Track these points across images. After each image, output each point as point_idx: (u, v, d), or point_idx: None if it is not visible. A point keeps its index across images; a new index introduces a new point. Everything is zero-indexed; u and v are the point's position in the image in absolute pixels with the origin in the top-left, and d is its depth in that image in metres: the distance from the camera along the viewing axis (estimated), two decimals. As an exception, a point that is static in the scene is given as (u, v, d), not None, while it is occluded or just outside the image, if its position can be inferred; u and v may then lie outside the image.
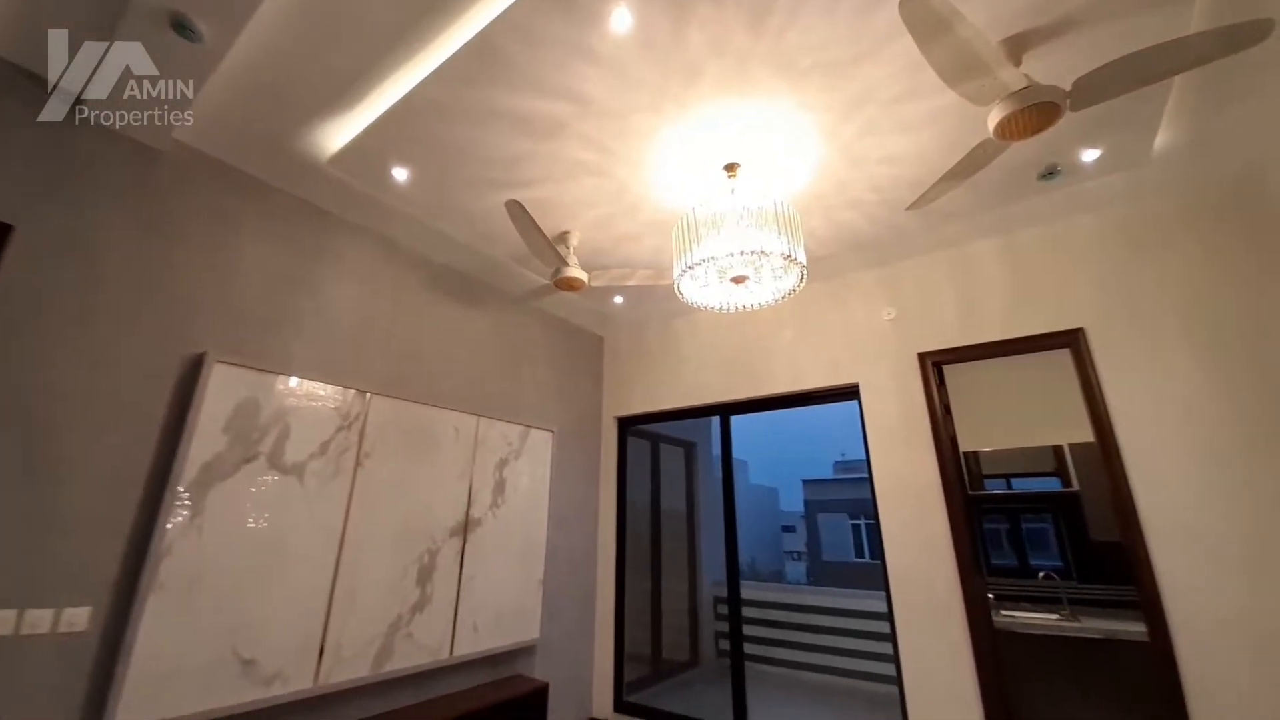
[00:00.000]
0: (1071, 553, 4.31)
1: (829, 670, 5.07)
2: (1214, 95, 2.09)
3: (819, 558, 16.20)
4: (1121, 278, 2.71)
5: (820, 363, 3.48)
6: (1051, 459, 4.64)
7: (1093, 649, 3.71)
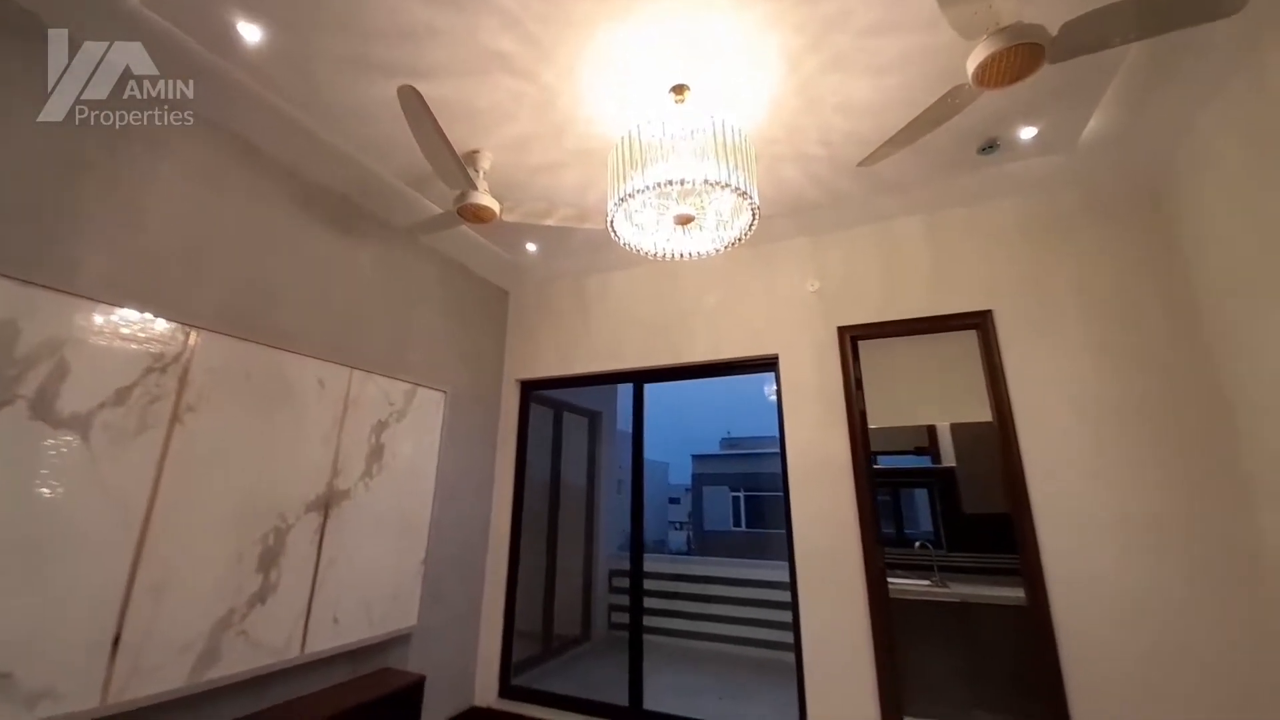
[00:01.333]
0: (944, 524, 4.65)
1: (719, 639, 5.12)
2: (1138, 94, 2.13)
3: (701, 528, 16.88)
4: (1031, 265, 2.78)
5: (741, 332, 3.32)
6: (925, 438, 4.97)
7: (963, 613, 4.02)
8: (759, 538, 15.36)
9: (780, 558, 6.95)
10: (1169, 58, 1.98)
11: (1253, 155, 2.05)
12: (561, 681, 4.11)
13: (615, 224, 1.85)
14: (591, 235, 3.15)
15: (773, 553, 15.75)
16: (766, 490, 16.23)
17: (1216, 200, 2.29)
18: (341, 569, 2.55)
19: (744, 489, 16.66)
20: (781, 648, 4.74)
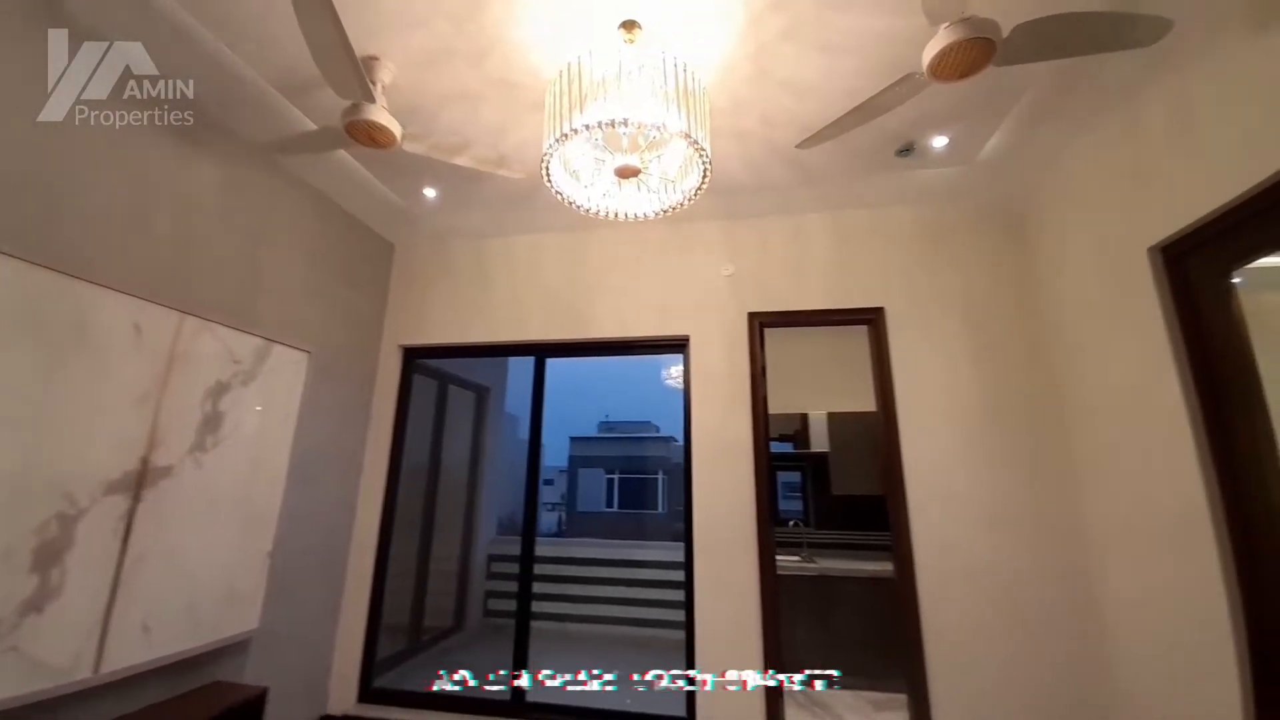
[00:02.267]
0: (814, 504, 5.01)
1: (599, 620, 5.06)
2: (1031, 120, 2.35)
3: (574, 509, 16.88)
4: (921, 269, 3.00)
5: (653, 311, 3.21)
6: (797, 425, 5.32)
7: (827, 585, 4.35)
8: (631, 518, 15.72)
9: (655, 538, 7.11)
10: (1063, 89, 2.18)
11: (1109, 193, 2.36)
12: (429, 678, 3.76)
13: (550, 168, 1.60)
14: (506, 188, 2.81)
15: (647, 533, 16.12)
16: (640, 473, 16.65)
17: (1069, 230, 2.62)
18: (156, 565, 2.01)
19: (619, 472, 16.91)
20: (661, 625, 4.80)
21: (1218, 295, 1.99)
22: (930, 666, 2.56)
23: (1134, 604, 2.28)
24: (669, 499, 16.12)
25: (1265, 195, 1.75)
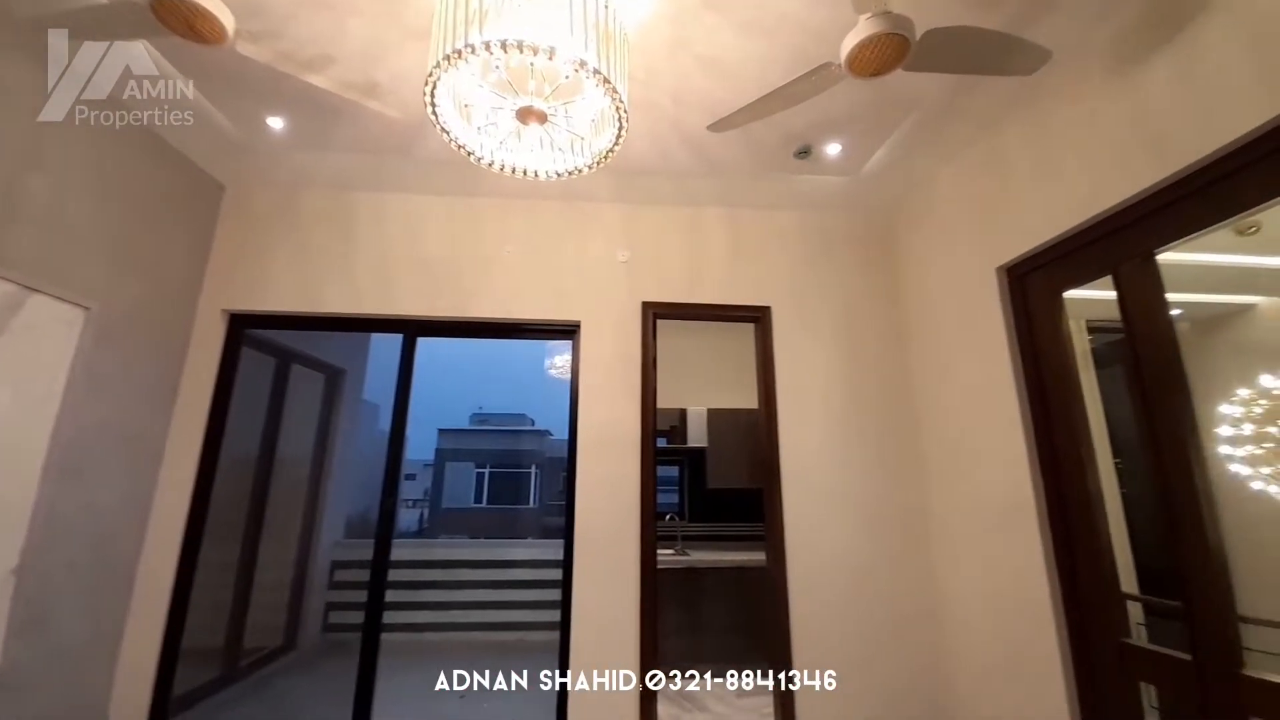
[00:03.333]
0: (690, 498, 5.09)
1: (460, 627, 4.67)
2: (912, 139, 2.52)
3: (439, 505, 15.83)
4: (805, 272, 3.12)
5: (544, 293, 2.97)
6: (676, 419, 5.40)
7: (699, 576, 4.42)
8: (502, 514, 15.09)
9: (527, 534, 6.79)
10: (941, 117, 2.35)
11: (967, 216, 2.61)
12: (253, 708, 3.16)
13: (435, 96, 1.33)
14: (378, 131, 2.39)
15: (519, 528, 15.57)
16: (514, 467, 16.06)
17: (933, 246, 2.88)
18: None
19: (490, 466, 16.16)
20: (530, 627, 4.56)
21: (1050, 312, 2.26)
22: (795, 649, 2.65)
23: (971, 579, 2.54)
24: (542, 494, 15.75)
25: (1090, 230, 2.02)
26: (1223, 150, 1.53)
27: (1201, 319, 2.78)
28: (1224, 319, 4.06)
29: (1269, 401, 2.60)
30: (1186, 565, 1.66)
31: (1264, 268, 3.35)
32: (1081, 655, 2.03)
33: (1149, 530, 2.09)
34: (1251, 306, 3.98)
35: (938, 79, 2.00)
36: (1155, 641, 1.89)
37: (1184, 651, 1.68)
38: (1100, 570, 2.02)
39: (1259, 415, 2.60)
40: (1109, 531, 2.04)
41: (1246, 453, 2.54)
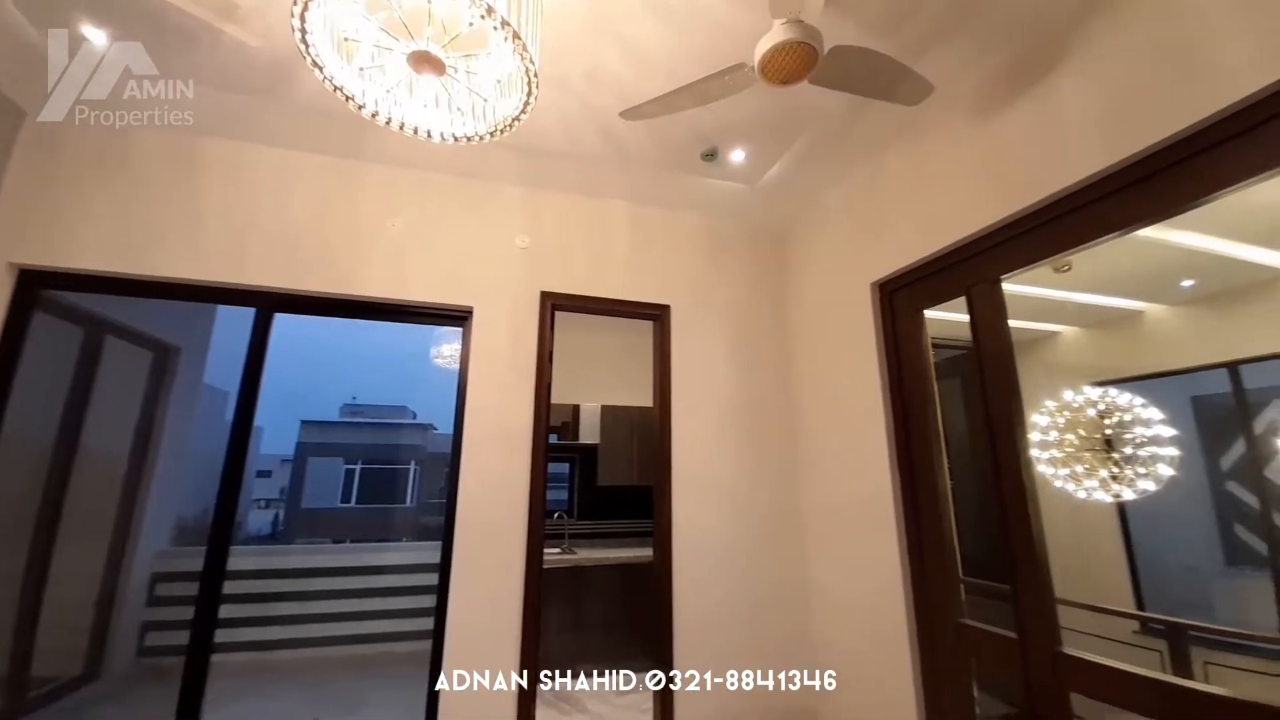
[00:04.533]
0: (579, 495, 5.00)
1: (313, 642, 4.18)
2: (805, 156, 2.66)
3: (298, 505, 14.23)
4: (702, 273, 3.18)
5: (434, 274, 2.72)
6: (568, 415, 5.30)
7: (583, 574, 4.35)
8: (374, 514, 13.89)
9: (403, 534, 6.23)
10: (833, 138, 2.50)
11: (848, 233, 2.81)
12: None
13: (307, 23, 1.12)
14: (237, 63, 2.02)
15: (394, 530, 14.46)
16: (390, 463, 14.89)
17: (817, 259, 3.07)
18: None
19: (363, 462, 14.85)
20: (398, 638, 4.21)
21: (913, 327, 2.49)
22: (677, 644, 2.67)
23: (838, 569, 2.74)
24: (420, 491, 14.74)
25: (950, 255, 2.24)
26: (1062, 192, 1.76)
27: (1021, 341, 3.19)
28: (1037, 342, 4.80)
29: (1070, 413, 3.09)
30: (1015, 553, 1.89)
31: (1070, 302, 3.99)
32: (925, 634, 2.25)
33: (972, 522, 2.38)
34: (1058, 333, 4.75)
35: (835, 99, 2.11)
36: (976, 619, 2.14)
37: (1011, 631, 1.91)
38: (943, 558, 2.25)
39: (1062, 424, 3.07)
40: (951, 524, 2.27)
41: (1050, 456, 2.99)
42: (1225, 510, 4.39)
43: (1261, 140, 1.35)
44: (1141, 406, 2.91)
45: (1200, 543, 4.53)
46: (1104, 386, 3.11)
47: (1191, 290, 3.81)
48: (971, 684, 2.10)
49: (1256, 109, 1.34)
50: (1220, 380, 3.98)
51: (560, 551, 4.51)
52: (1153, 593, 4.24)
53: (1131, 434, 2.94)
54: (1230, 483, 4.38)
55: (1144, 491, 2.82)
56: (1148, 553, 4.31)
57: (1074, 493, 2.92)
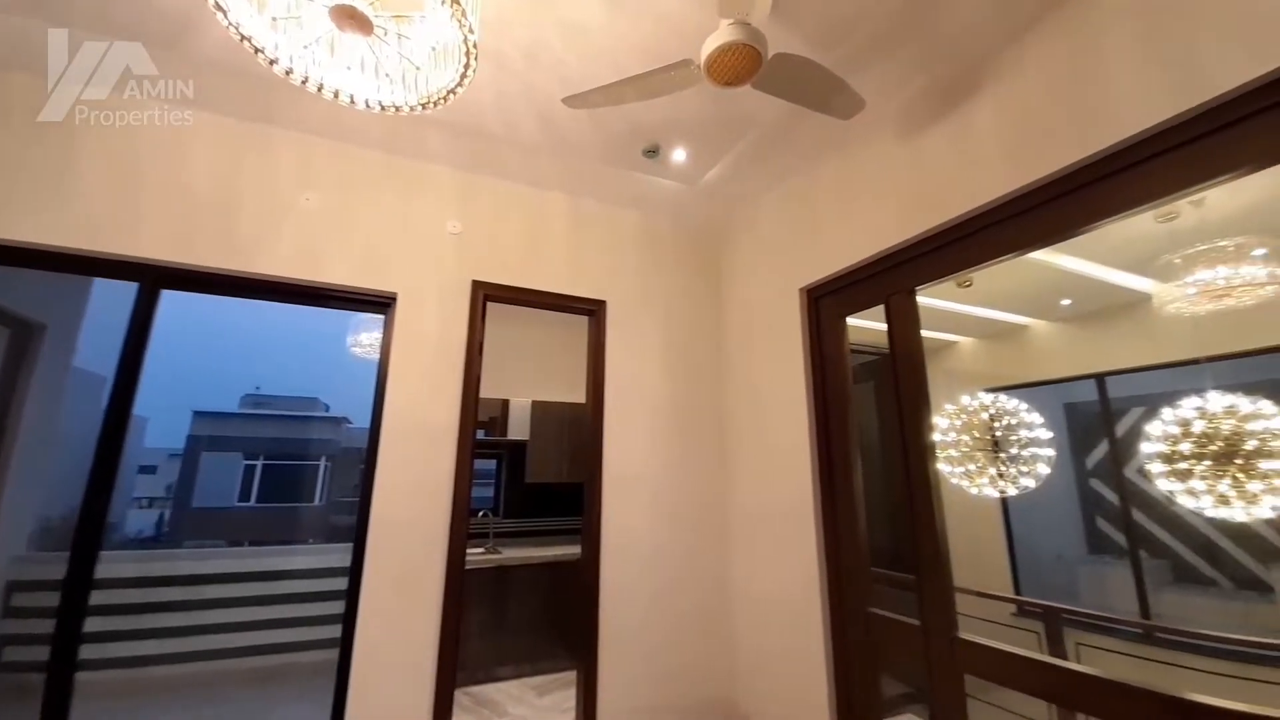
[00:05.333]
0: (506, 493, 4.84)
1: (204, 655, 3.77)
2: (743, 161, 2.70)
3: (187, 505, 12.88)
4: (639, 270, 3.16)
5: (353, 255, 2.52)
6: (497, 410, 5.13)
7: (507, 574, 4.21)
8: (278, 515, 12.81)
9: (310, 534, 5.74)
10: (771, 145, 2.56)
11: (781, 239, 2.89)
12: None
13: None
14: (124, 6, 1.76)
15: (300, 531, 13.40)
16: (298, 459, 13.80)
17: (750, 264, 3.14)
18: None
19: (265, 457, 13.66)
20: (301, 647, 3.89)
21: (836, 333, 2.60)
22: (602, 642, 2.64)
23: (761, 565, 2.81)
24: (331, 489, 13.77)
25: (872, 265, 2.36)
26: (973, 212, 1.89)
27: (927, 349, 3.41)
28: (940, 350, 5.19)
29: (965, 416, 3.34)
30: (920, 546, 2.02)
31: (970, 314, 4.35)
32: (838, 624, 2.36)
33: (880, 517, 2.52)
34: (957, 343, 5.16)
35: (774, 106, 2.15)
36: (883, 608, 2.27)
37: (914, 618, 2.03)
38: (856, 552, 2.36)
39: (959, 426, 3.33)
40: (864, 520, 2.39)
41: (947, 455, 3.23)
42: (1089, 505, 4.96)
43: (1139, 177, 1.51)
44: (1025, 411, 3.19)
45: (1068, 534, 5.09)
46: (995, 392, 3.39)
47: (1069, 308, 4.27)
48: (878, 669, 2.22)
49: (1137, 149, 1.50)
50: (1089, 389, 4.50)
51: (484, 551, 4.35)
52: (1028, 579, 4.72)
53: (1016, 436, 3.21)
54: (1094, 480, 4.95)
55: (1025, 488, 3.09)
56: (1025, 543, 4.79)
57: (967, 489, 3.18)
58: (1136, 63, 1.49)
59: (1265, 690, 2.66)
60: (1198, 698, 1.32)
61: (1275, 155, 1.26)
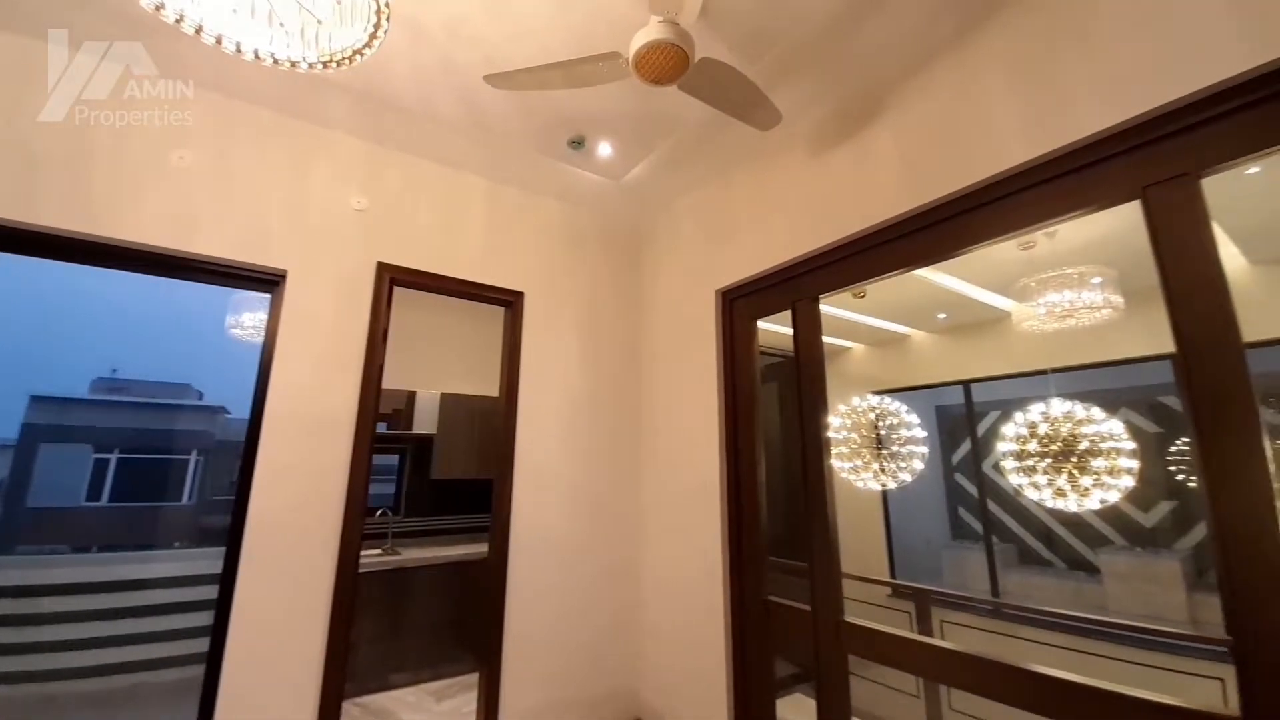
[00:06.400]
0: (408, 490, 4.55)
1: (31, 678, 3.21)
2: (664, 163, 2.73)
3: (20, 503, 10.91)
4: (559, 263, 3.09)
5: (237, 225, 2.23)
6: (401, 402, 4.82)
7: (407, 576, 3.96)
8: (137, 516, 11.19)
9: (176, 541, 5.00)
10: (692, 150, 2.60)
11: (699, 242, 2.95)
12: None
13: None
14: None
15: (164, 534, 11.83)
16: (163, 453, 12.13)
17: (669, 263, 3.18)
18: None
19: (122, 450, 11.87)
20: (162, 665, 3.42)
21: (747, 334, 2.69)
22: (508, 640, 2.56)
23: (668, 555, 2.85)
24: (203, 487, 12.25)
25: (783, 272, 2.46)
26: (872, 228, 2.02)
27: (825, 354, 3.63)
28: (836, 355, 5.57)
29: (855, 416, 3.60)
30: (813, 535, 2.14)
31: (863, 323, 4.69)
32: (738, 611, 2.45)
33: (778, 509, 2.66)
34: (851, 348, 5.56)
35: (699, 110, 2.18)
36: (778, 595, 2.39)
37: (805, 604, 2.15)
38: (756, 542, 2.46)
39: (849, 425, 3.58)
40: (764, 512, 2.50)
41: (839, 451, 3.47)
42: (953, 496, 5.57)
43: (1006, 208, 1.69)
44: (905, 413, 3.50)
45: (935, 522, 5.68)
46: (880, 395, 3.68)
47: (944, 322, 4.74)
48: (773, 652, 2.33)
49: (1005, 183, 1.67)
50: (957, 394, 5.04)
51: (381, 552, 4.06)
52: (902, 563, 5.20)
53: (897, 435, 3.50)
54: (958, 475, 5.57)
55: (902, 482, 3.39)
56: (900, 531, 5.28)
57: (854, 482, 3.43)
58: (1007, 106, 1.66)
59: (1090, 661, 3.10)
60: (1035, 667, 1.50)
61: (1115, 197, 1.45)
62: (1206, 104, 1.29)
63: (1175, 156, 1.35)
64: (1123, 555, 4.67)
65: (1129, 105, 1.38)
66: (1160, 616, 4.19)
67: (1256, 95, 1.22)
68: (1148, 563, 4.51)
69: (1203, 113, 1.30)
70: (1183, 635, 3.08)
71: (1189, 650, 2.90)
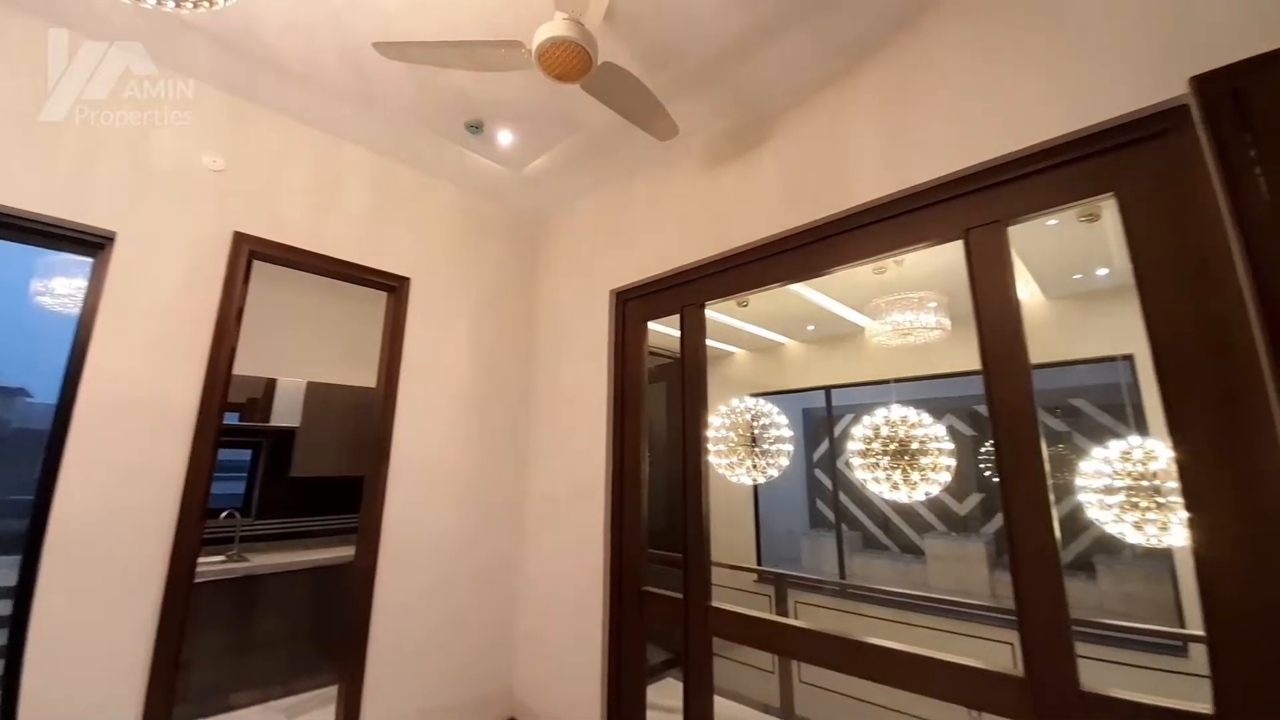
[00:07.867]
0: (261, 489, 4.03)
1: None
2: (563, 161, 2.70)
3: None
4: (451, 250, 2.93)
5: (50, 173, 1.82)
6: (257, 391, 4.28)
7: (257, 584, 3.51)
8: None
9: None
10: (595, 151, 2.60)
11: (597, 242, 2.95)
12: None
13: None
14: None
15: (-84, 544, 9.44)
16: (-77, 443, 9.60)
17: (567, 261, 3.16)
18: None
19: None
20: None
21: (637, 336, 2.74)
22: (373, 647, 2.38)
23: (552, 549, 2.82)
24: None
25: (674, 278, 2.55)
26: (756, 243, 2.16)
27: (709, 357, 3.83)
28: (719, 359, 5.89)
29: (733, 416, 3.84)
30: (688, 527, 2.24)
31: (745, 330, 5.01)
32: (616, 601, 2.49)
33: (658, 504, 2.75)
34: (733, 353, 5.91)
35: (603, 112, 2.18)
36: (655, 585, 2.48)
37: (678, 592, 2.24)
38: (637, 535, 2.52)
39: (728, 424, 3.80)
40: (645, 505, 2.57)
41: (717, 449, 3.67)
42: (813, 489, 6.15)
43: (866, 236, 1.90)
44: (777, 414, 3.79)
45: (797, 513, 6.23)
46: (757, 397, 3.96)
47: (812, 333, 5.21)
48: (645, 641, 2.41)
49: (866, 214, 1.88)
50: (819, 398, 5.57)
51: (226, 559, 3.57)
52: (768, 551, 5.63)
53: (769, 434, 3.78)
54: (817, 470, 6.17)
55: (771, 477, 3.66)
56: (767, 522, 5.72)
57: (729, 477, 3.65)
58: (869, 147, 1.87)
59: (914, 632, 3.57)
60: (869, 640, 1.71)
61: (945, 235, 1.69)
62: (1018, 163, 1.54)
63: (990, 205, 1.60)
64: (941, 540, 5.47)
65: (959, 158, 1.62)
66: (968, 592, 4.97)
67: (1059, 160, 1.48)
68: (960, 545, 5.33)
69: (1014, 171, 1.55)
70: (983, 607, 3.66)
71: (989, 619, 3.45)
